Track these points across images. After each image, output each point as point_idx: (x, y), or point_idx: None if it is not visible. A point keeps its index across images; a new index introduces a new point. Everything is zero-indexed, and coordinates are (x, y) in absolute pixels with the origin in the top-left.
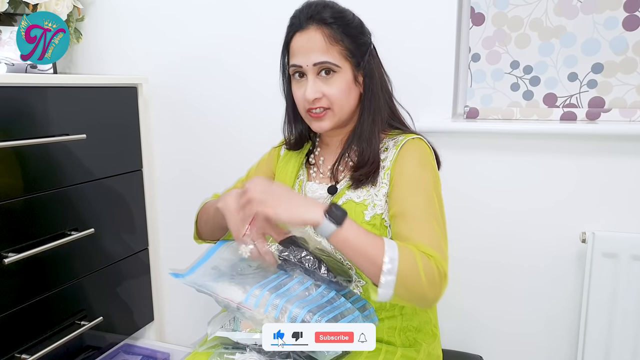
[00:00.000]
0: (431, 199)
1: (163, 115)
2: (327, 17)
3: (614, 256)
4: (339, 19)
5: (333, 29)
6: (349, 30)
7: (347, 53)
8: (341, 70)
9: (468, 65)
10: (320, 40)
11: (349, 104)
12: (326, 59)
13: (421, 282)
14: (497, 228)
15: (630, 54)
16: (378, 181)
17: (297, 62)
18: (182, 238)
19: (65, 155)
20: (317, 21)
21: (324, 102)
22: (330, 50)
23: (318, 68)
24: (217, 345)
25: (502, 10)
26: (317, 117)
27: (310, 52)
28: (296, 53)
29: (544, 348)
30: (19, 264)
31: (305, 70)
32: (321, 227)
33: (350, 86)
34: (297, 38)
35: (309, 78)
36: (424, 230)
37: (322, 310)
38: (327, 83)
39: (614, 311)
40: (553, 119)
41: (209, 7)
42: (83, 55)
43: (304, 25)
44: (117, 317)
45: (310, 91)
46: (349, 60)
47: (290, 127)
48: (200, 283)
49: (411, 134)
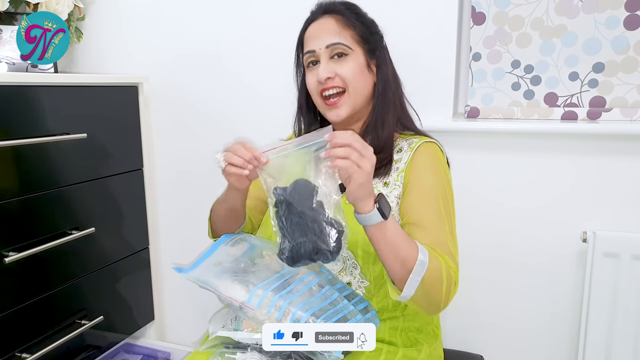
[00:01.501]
0: (445, 207)
1: (164, 115)
2: (339, 7)
3: (614, 256)
4: (352, 8)
5: (345, 15)
6: (361, 18)
7: (359, 38)
8: (353, 53)
9: (469, 65)
10: (333, 24)
11: (363, 86)
12: (338, 40)
13: (441, 291)
14: (498, 227)
15: (631, 53)
16: (391, 182)
17: (310, 47)
18: (182, 237)
19: (65, 154)
20: (329, 11)
21: (338, 81)
22: (343, 33)
23: (331, 50)
24: (218, 345)
25: (503, 9)
26: (333, 105)
27: (324, 35)
28: (309, 40)
29: (545, 346)
30: (20, 263)
31: (318, 54)
32: (368, 215)
33: (362, 69)
34: (311, 28)
35: (322, 61)
36: (440, 240)
37: (326, 314)
38: (339, 64)
39: (615, 310)
40: (554, 118)
41: (210, 6)
42: (84, 54)
43: (317, 17)
44: (117, 317)
45: (323, 71)
46: (361, 46)
47: (300, 122)
48: (203, 279)
49: (424, 137)
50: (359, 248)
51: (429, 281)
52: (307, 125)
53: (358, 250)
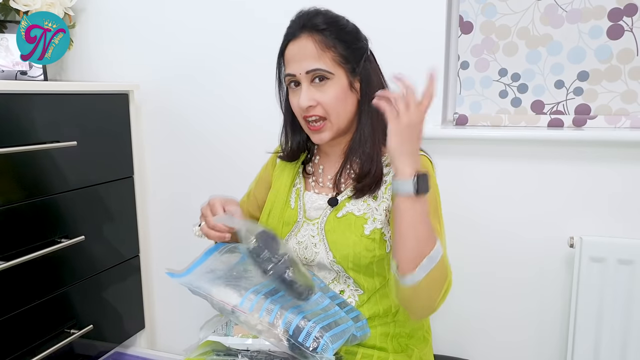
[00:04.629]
0: (436, 217)
1: (154, 122)
2: (319, 23)
3: (601, 260)
4: (332, 25)
5: (325, 35)
6: (343, 35)
7: (340, 59)
8: (335, 77)
9: (457, 73)
10: (311, 48)
11: (345, 111)
12: (318, 66)
13: (441, 289)
14: (486, 233)
15: (614, 62)
16: (379, 195)
17: (291, 71)
18: (173, 245)
19: (55, 162)
20: (309, 28)
21: (319, 110)
22: (322, 57)
23: (311, 76)
24: (209, 352)
25: (490, 19)
26: (316, 130)
27: (303, 60)
28: (290, 62)
29: (534, 350)
30: (8, 272)
31: (299, 78)
32: (402, 182)
33: (345, 93)
34: (290, 47)
35: (302, 86)
36: None
37: (317, 317)
38: (321, 90)
39: (602, 313)
40: (541, 125)
41: (200, 14)
42: (74, 62)
43: (296, 34)
44: (107, 325)
45: (304, 98)
46: (342, 67)
47: (287, 138)
48: (196, 284)
49: None
50: (349, 262)
51: (436, 274)
52: (294, 140)
53: (348, 264)
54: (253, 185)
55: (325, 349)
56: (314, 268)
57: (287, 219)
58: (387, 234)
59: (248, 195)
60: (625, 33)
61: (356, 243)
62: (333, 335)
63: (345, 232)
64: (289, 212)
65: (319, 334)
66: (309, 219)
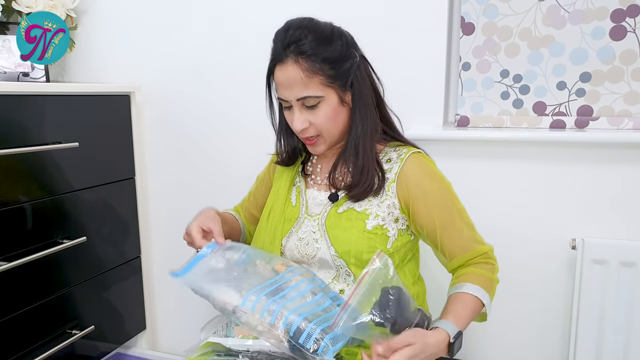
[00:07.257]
0: (454, 205)
1: (156, 123)
2: (304, 47)
3: (603, 262)
4: (317, 47)
5: (310, 60)
6: (329, 54)
7: (328, 80)
8: (325, 98)
9: (459, 74)
10: (298, 76)
11: (337, 127)
12: (307, 93)
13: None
14: (487, 235)
15: (617, 63)
16: (381, 192)
17: (283, 97)
18: (174, 246)
19: (57, 163)
20: (294, 53)
21: (312, 130)
22: (309, 83)
23: (302, 102)
24: (210, 352)
25: (492, 20)
26: (311, 143)
27: (292, 87)
28: (280, 86)
29: (536, 351)
30: (10, 273)
31: (290, 103)
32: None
33: (336, 110)
34: (278, 72)
35: (294, 110)
36: (469, 235)
37: (318, 319)
38: (312, 113)
39: (604, 315)
40: (542, 127)
41: (202, 15)
42: (76, 63)
43: (282, 58)
44: (108, 326)
45: (297, 123)
46: (331, 86)
47: (282, 143)
48: (197, 285)
49: (412, 147)
50: (351, 257)
51: (492, 296)
52: (289, 146)
53: (351, 259)
54: (254, 185)
55: (326, 351)
56: (315, 266)
57: (288, 216)
58: (390, 230)
59: (249, 195)
60: (628, 34)
61: (358, 239)
62: (334, 337)
63: (347, 228)
64: (290, 209)
65: (320, 336)
66: (310, 215)
